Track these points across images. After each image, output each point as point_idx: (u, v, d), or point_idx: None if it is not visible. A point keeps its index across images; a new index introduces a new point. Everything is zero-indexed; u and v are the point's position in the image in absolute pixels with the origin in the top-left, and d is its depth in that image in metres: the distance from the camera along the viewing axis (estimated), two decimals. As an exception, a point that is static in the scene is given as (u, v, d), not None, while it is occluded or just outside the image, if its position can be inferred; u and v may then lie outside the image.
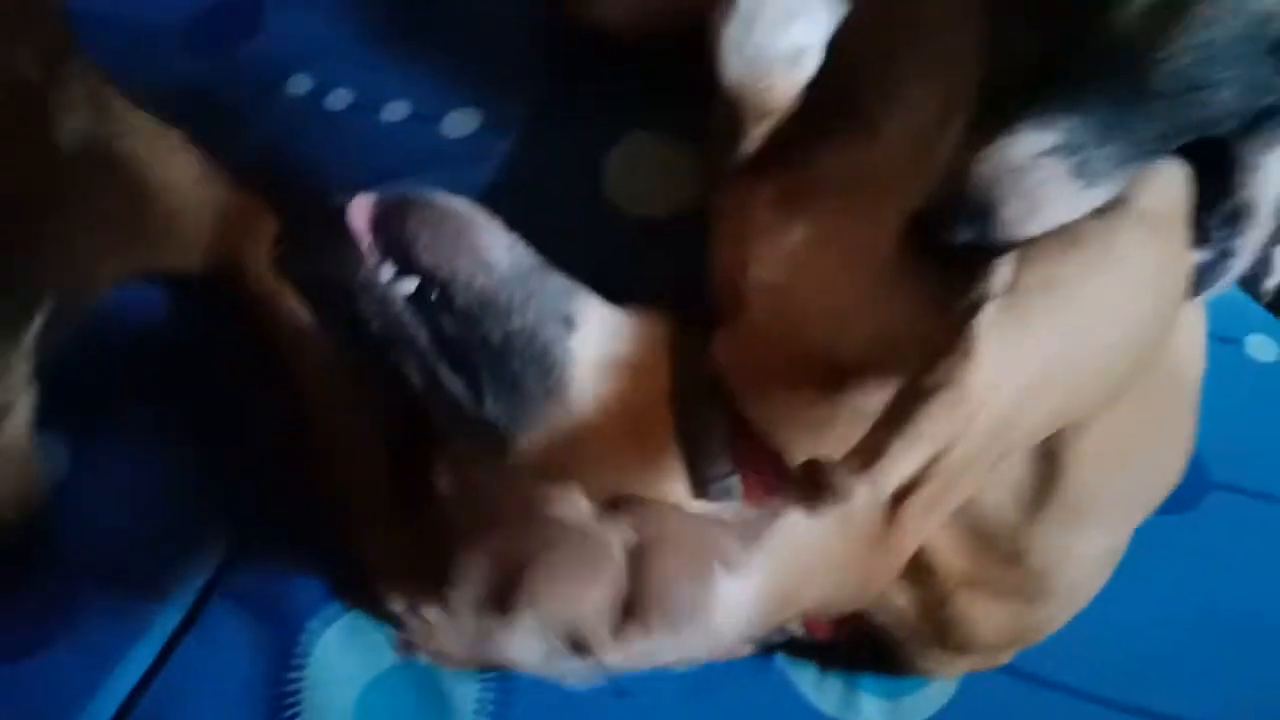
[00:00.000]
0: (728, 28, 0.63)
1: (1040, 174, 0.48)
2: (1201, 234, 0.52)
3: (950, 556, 0.58)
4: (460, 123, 0.94)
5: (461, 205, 0.61)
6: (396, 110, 0.95)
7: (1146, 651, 0.66)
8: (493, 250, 0.60)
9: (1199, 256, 0.52)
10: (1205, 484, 0.72)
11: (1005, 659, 0.64)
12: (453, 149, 0.92)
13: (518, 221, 0.86)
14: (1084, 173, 0.48)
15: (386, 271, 0.58)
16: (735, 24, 0.62)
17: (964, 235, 0.49)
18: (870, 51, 0.67)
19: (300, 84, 0.97)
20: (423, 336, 0.59)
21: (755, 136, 0.69)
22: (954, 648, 0.61)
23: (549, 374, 0.60)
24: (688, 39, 0.77)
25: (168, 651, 0.71)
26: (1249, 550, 0.71)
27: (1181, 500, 0.70)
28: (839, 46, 0.67)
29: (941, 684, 0.65)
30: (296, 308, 0.74)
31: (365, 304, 0.58)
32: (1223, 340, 0.78)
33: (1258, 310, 0.82)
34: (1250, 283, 0.83)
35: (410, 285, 0.58)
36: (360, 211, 0.59)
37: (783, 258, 0.64)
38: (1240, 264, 0.53)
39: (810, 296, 0.62)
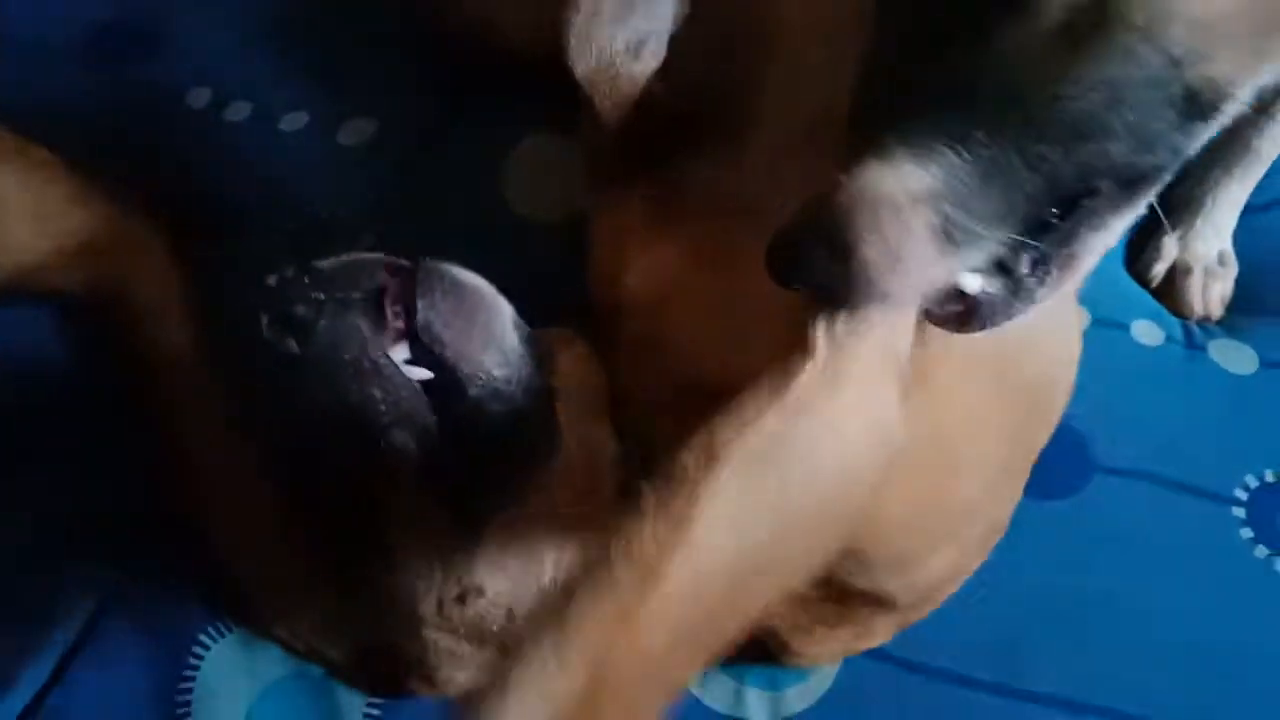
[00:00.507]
0: (574, 22, 0.64)
1: (908, 222, 0.40)
2: (999, 260, 0.43)
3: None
4: (357, 131, 0.93)
5: (480, 283, 0.57)
6: (295, 120, 0.95)
7: (1028, 635, 0.67)
8: (506, 336, 0.56)
9: (990, 285, 0.44)
10: (1090, 468, 0.73)
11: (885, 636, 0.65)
12: (350, 157, 0.92)
13: (418, 228, 0.88)
14: (950, 237, 0.40)
15: (400, 353, 0.52)
16: (581, 18, 0.64)
17: (811, 276, 0.42)
18: (734, 69, 0.67)
19: (200, 97, 0.97)
20: (430, 423, 0.53)
21: (615, 128, 0.69)
22: (831, 626, 0.62)
23: (547, 451, 0.57)
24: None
25: (60, 671, 0.71)
26: (1133, 533, 0.72)
27: (1066, 484, 0.72)
28: (703, 61, 0.67)
29: (822, 674, 0.65)
30: (176, 340, 0.75)
31: (369, 384, 0.51)
32: (1109, 325, 0.79)
33: (1144, 296, 0.84)
34: (1139, 267, 0.85)
35: (422, 373, 0.53)
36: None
37: (655, 272, 0.64)
38: (1029, 309, 0.45)
39: (682, 314, 0.61)
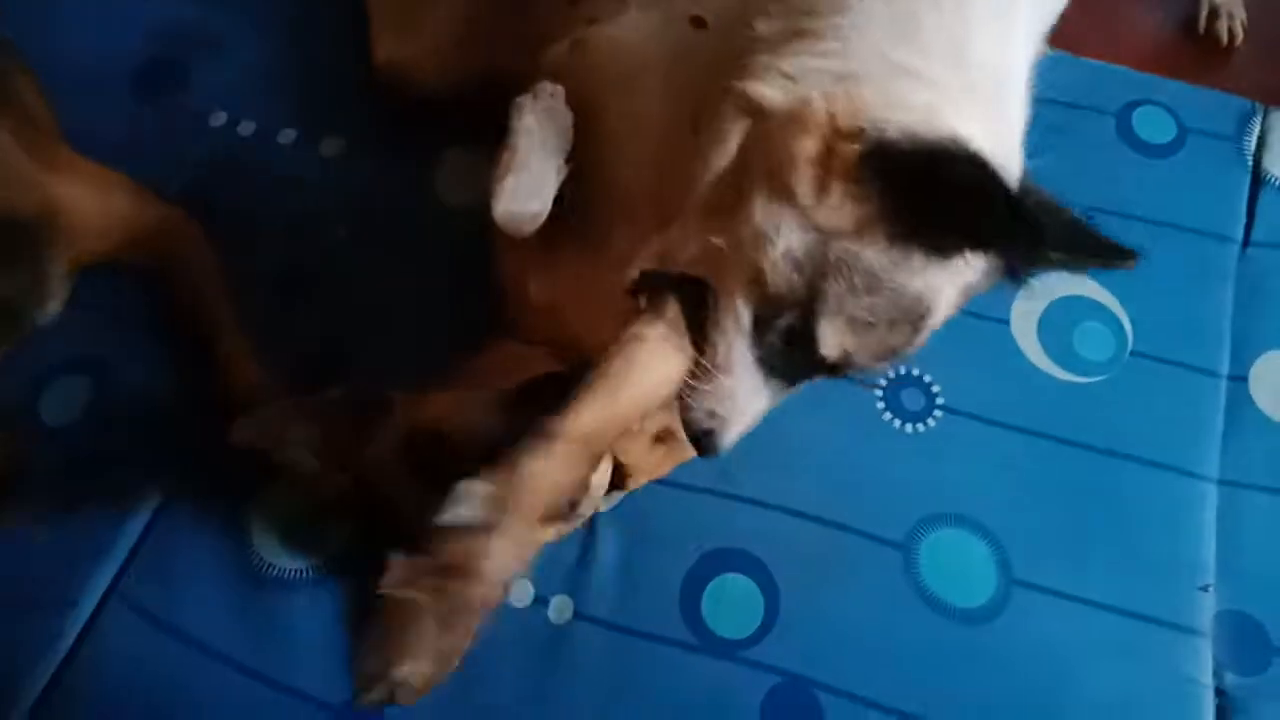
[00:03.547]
0: (497, 201, 1.02)
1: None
2: None
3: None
4: (333, 145, 1.34)
5: None
6: (288, 135, 1.35)
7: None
8: None
9: None
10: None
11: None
12: (328, 166, 1.32)
13: (376, 216, 1.28)
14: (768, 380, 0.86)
15: None
16: (501, 199, 1.01)
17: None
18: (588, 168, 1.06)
19: (219, 118, 1.37)
20: None
21: None
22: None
23: None
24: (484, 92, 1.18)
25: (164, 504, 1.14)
26: (813, 397, 1.14)
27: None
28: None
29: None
30: (212, 302, 1.18)
31: None
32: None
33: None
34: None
35: None
36: None
37: (549, 286, 1.06)
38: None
39: (571, 310, 1.04)
